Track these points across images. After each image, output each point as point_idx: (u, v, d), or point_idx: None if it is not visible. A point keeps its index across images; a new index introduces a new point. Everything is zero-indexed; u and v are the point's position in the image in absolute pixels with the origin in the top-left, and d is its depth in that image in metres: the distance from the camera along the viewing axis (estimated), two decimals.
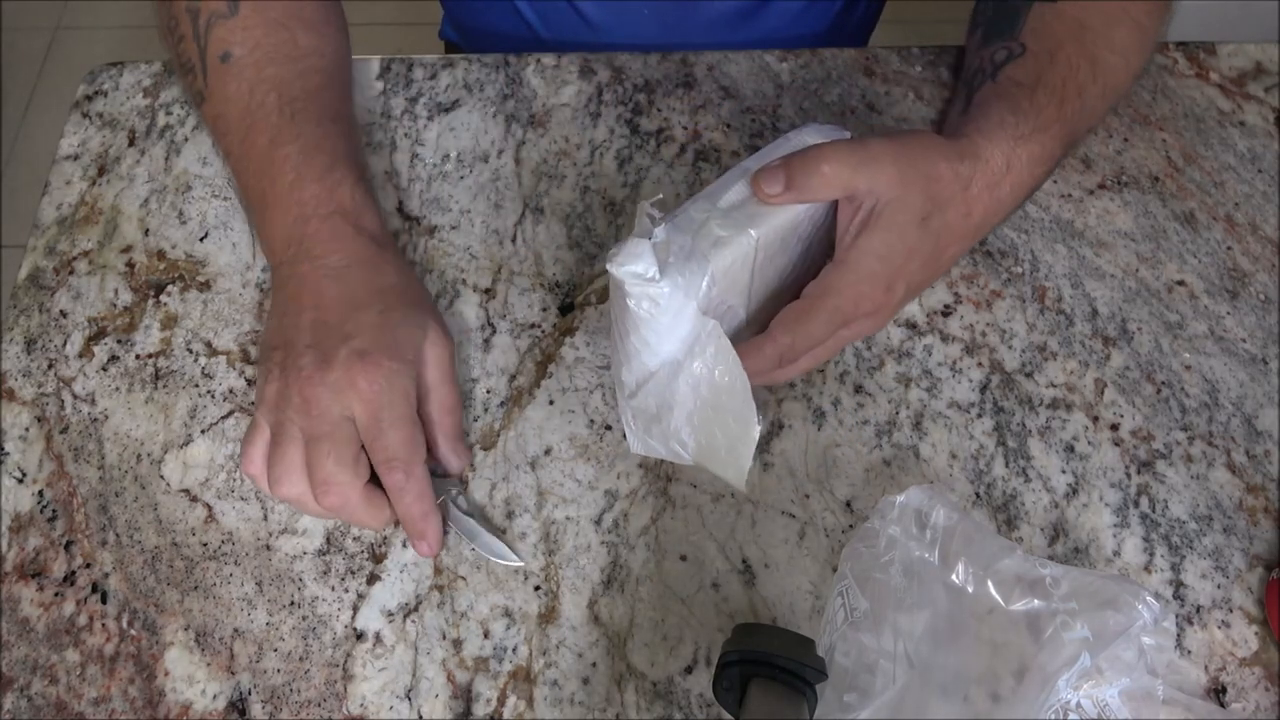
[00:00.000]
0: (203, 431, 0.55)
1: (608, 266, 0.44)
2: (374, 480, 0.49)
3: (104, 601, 0.50)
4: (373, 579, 0.51)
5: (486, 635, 0.49)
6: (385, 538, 0.52)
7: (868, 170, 0.47)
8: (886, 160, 0.47)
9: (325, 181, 0.53)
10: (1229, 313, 0.58)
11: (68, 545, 0.52)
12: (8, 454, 0.54)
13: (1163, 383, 0.56)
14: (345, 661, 0.49)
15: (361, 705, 0.48)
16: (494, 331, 0.58)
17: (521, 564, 0.51)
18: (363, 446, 0.48)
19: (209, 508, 0.53)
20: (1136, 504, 0.53)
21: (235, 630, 0.50)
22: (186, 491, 0.53)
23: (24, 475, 0.54)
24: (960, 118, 0.55)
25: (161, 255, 0.61)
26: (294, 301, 0.51)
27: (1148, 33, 0.57)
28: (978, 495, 0.53)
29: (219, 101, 0.57)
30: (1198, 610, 0.50)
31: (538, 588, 0.51)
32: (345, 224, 0.52)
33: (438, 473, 0.52)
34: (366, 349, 0.48)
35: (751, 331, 0.52)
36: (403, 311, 0.51)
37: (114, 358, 0.57)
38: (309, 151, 0.54)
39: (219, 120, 0.57)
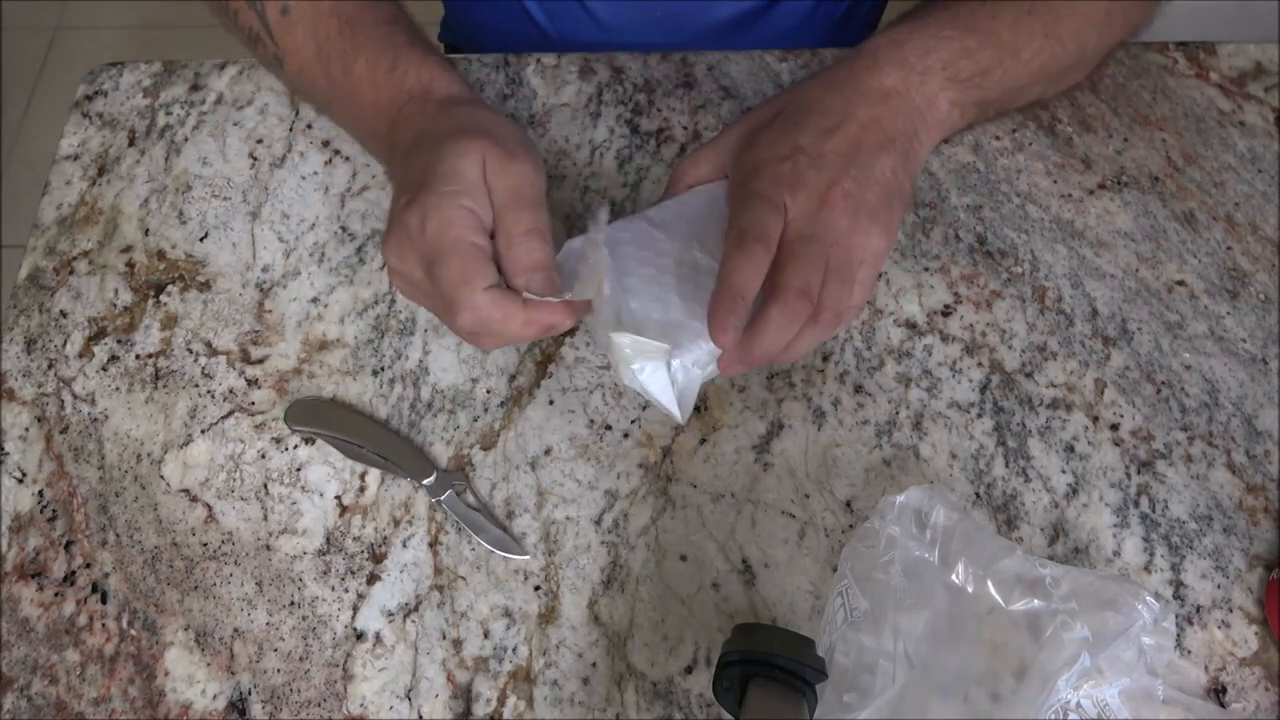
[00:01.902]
0: (203, 431, 0.55)
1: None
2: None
3: (104, 601, 0.50)
4: (373, 579, 0.51)
5: (486, 635, 0.50)
6: (385, 538, 0.52)
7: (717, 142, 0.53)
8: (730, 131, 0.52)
9: (392, 79, 0.53)
10: (1229, 313, 0.58)
11: (68, 545, 0.52)
12: (8, 454, 0.54)
13: (1163, 383, 0.56)
14: (345, 661, 0.49)
15: (361, 705, 0.48)
16: None
17: (527, 557, 0.51)
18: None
19: (209, 508, 0.53)
20: (1136, 504, 0.53)
21: (235, 630, 0.50)
22: (186, 491, 0.53)
23: (24, 475, 0.54)
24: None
25: (161, 255, 0.61)
26: (397, 182, 0.51)
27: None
28: (978, 495, 0.53)
29: (294, 55, 0.57)
30: (1198, 610, 0.50)
31: (538, 588, 0.51)
32: (417, 107, 0.52)
33: (442, 470, 0.53)
34: (412, 197, 0.46)
35: None
36: (453, 146, 0.47)
37: (114, 358, 0.57)
38: (374, 60, 0.53)
39: (302, 73, 0.57)
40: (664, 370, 0.46)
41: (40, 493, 0.53)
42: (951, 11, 0.53)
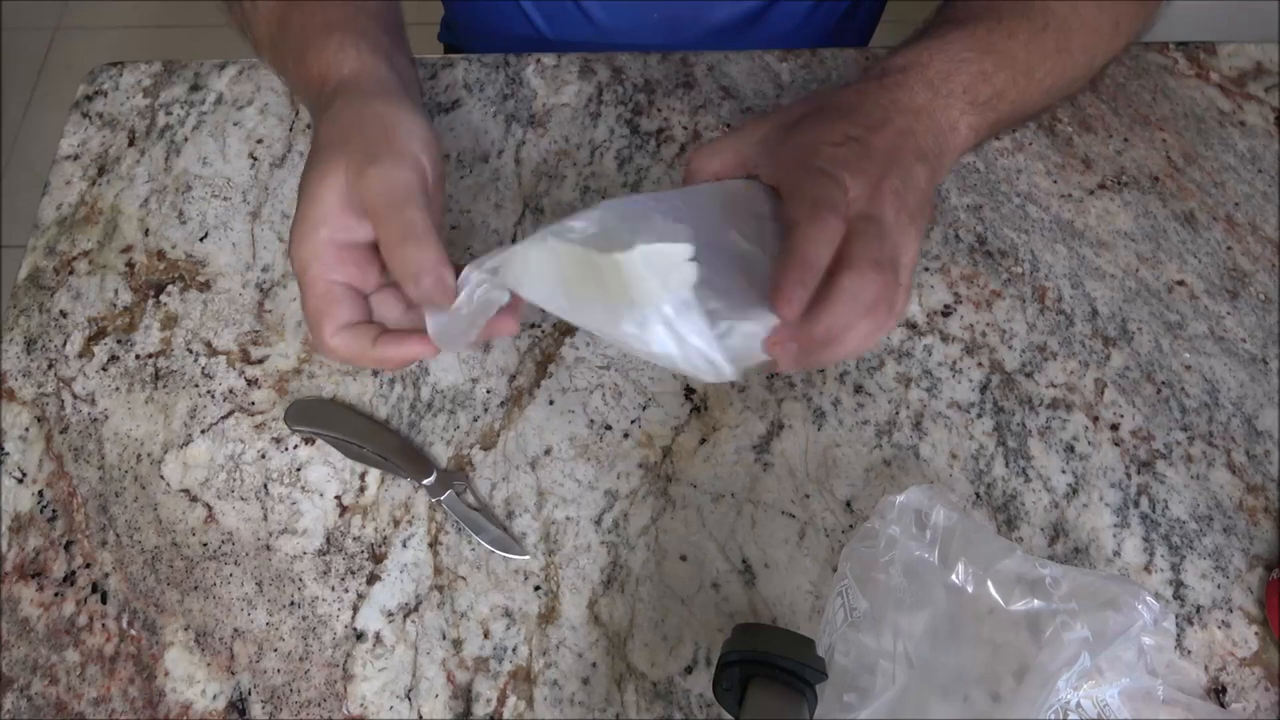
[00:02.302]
0: (203, 431, 0.55)
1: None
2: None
3: (104, 601, 0.50)
4: (373, 579, 0.51)
5: (486, 635, 0.49)
6: (385, 538, 0.52)
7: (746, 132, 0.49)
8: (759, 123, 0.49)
9: (300, 73, 0.50)
10: (1229, 313, 0.58)
11: (68, 545, 0.52)
12: (8, 454, 0.54)
13: (1163, 383, 0.56)
14: (345, 661, 0.49)
15: (361, 705, 0.48)
16: None
17: (527, 557, 0.51)
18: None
19: (209, 508, 0.53)
20: (1136, 504, 0.53)
21: (235, 630, 0.50)
22: (186, 491, 0.53)
23: (24, 475, 0.54)
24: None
25: (161, 255, 0.61)
26: None
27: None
28: (978, 495, 0.53)
29: (264, 31, 0.54)
30: (1198, 610, 0.50)
31: (538, 588, 0.51)
32: (312, 107, 0.50)
33: (442, 469, 0.53)
34: (291, 229, 0.45)
35: None
36: (314, 167, 0.45)
37: (114, 358, 0.57)
38: (300, 52, 0.51)
39: (276, 49, 0.54)
40: (697, 309, 0.38)
41: (40, 493, 0.53)
42: (967, 31, 0.52)
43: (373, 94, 0.47)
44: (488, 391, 0.56)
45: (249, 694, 0.48)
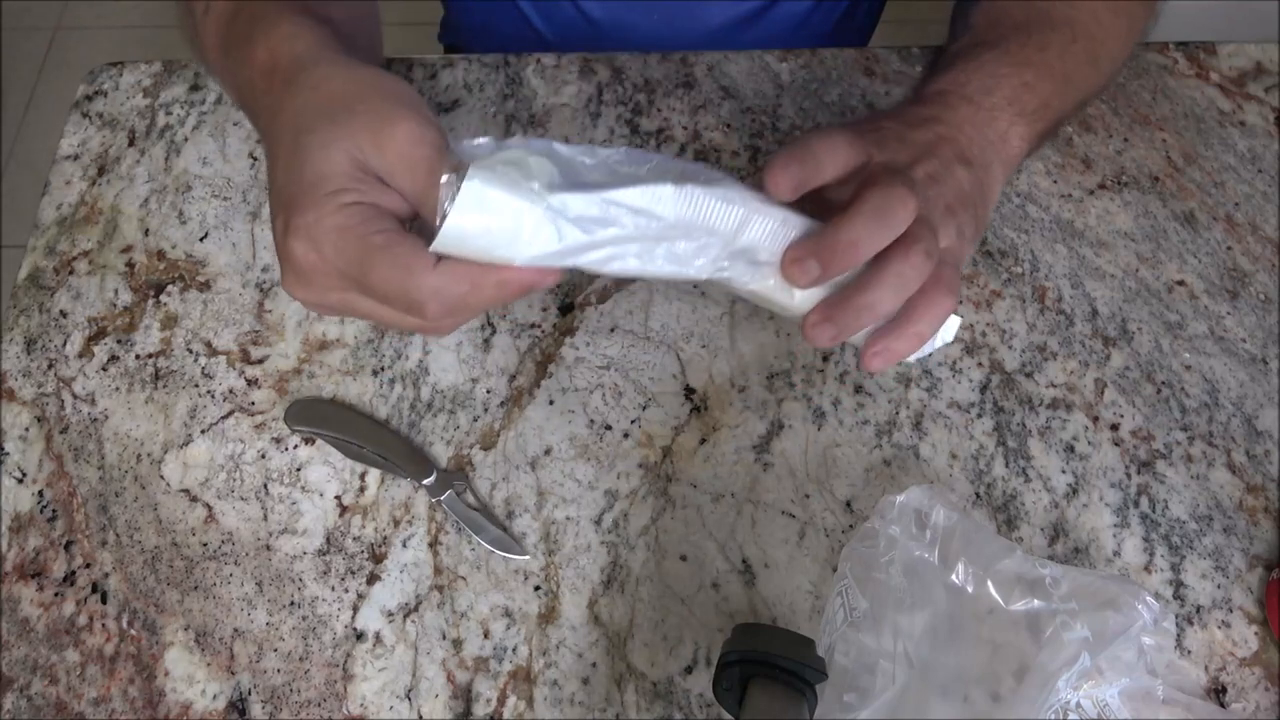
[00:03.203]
0: (203, 431, 0.55)
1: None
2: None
3: (104, 601, 0.50)
4: (373, 579, 0.51)
5: (486, 635, 0.49)
6: (385, 537, 0.52)
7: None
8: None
9: (244, 57, 0.44)
10: (1229, 313, 0.58)
11: (68, 545, 0.52)
12: (8, 454, 0.54)
13: (1163, 383, 0.56)
14: (345, 661, 0.49)
15: (361, 705, 0.48)
16: (494, 331, 0.58)
17: (527, 557, 0.51)
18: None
19: (209, 508, 0.53)
20: (1136, 504, 0.53)
21: (235, 630, 0.50)
22: (186, 491, 0.53)
23: (24, 475, 0.54)
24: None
25: (161, 255, 0.61)
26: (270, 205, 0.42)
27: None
28: (978, 495, 0.53)
29: (214, 36, 0.49)
30: (1198, 610, 0.50)
31: (538, 588, 0.51)
32: (264, 89, 0.43)
33: (442, 469, 0.53)
34: (287, 220, 0.39)
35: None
36: (311, 141, 0.39)
37: (114, 358, 0.57)
38: (245, 40, 0.45)
39: (225, 48, 0.48)
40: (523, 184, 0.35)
41: (40, 493, 0.53)
42: (999, 50, 0.52)
43: (348, 61, 0.42)
44: (488, 391, 0.56)
45: (249, 694, 0.48)
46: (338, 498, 0.53)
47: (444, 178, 0.36)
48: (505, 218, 0.35)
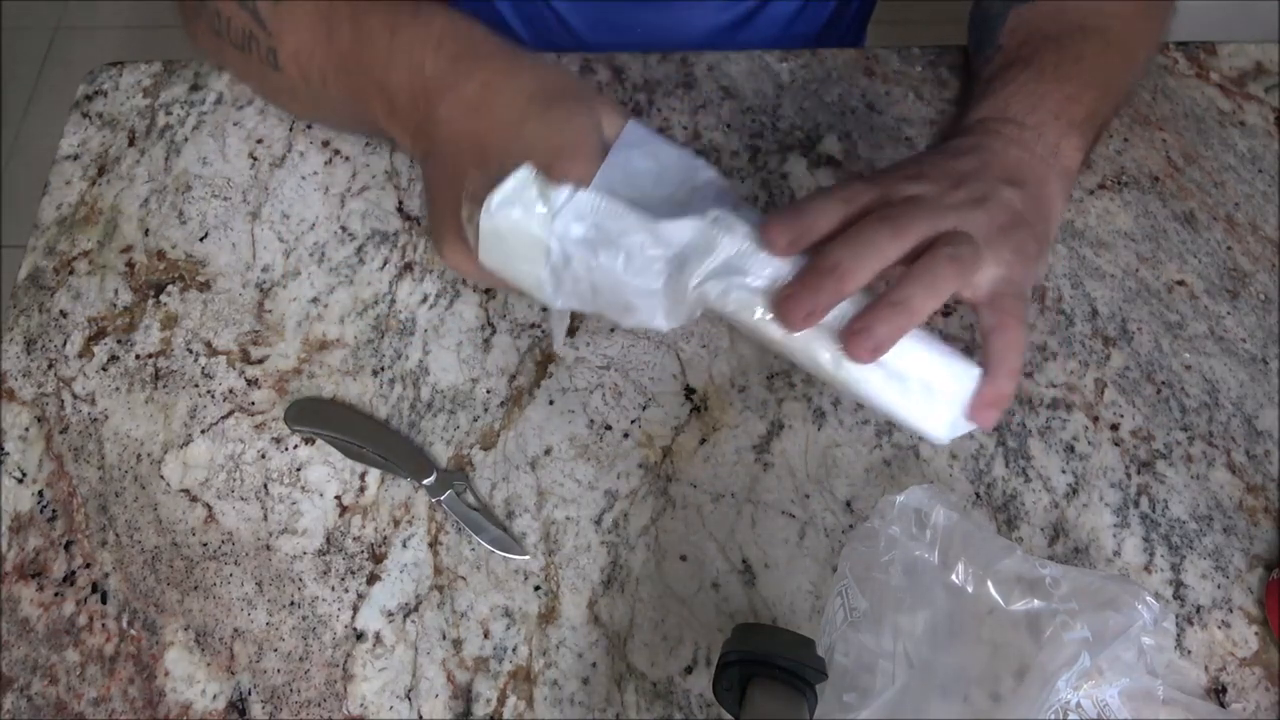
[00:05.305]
0: (203, 431, 0.55)
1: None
2: None
3: (104, 601, 0.50)
4: (373, 579, 0.51)
5: (486, 635, 0.50)
6: (385, 538, 0.52)
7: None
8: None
9: (420, 18, 0.46)
10: (1229, 313, 0.58)
11: (68, 545, 0.52)
12: (8, 454, 0.54)
13: (1163, 383, 0.56)
14: (345, 661, 0.49)
15: (361, 705, 0.48)
16: (494, 331, 0.58)
17: (527, 557, 0.51)
18: None
19: (209, 508, 0.53)
20: (1136, 504, 0.53)
21: (235, 630, 0.50)
22: (186, 491, 0.53)
23: (24, 475, 0.54)
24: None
25: (161, 255, 0.61)
26: (451, 145, 0.44)
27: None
28: (978, 495, 0.53)
29: (292, 40, 0.50)
30: (1198, 610, 0.50)
31: (538, 588, 0.51)
32: (461, 45, 0.46)
33: (442, 469, 0.53)
34: (568, 164, 0.41)
35: None
36: (559, 111, 0.43)
37: (114, 358, 0.57)
38: (392, 9, 0.47)
39: (299, 55, 0.50)
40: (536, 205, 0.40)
41: (40, 493, 0.53)
42: (1035, 69, 0.51)
43: (516, 47, 0.46)
44: (488, 391, 0.56)
45: (249, 694, 0.48)
46: (338, 498, 0.53)
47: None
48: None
